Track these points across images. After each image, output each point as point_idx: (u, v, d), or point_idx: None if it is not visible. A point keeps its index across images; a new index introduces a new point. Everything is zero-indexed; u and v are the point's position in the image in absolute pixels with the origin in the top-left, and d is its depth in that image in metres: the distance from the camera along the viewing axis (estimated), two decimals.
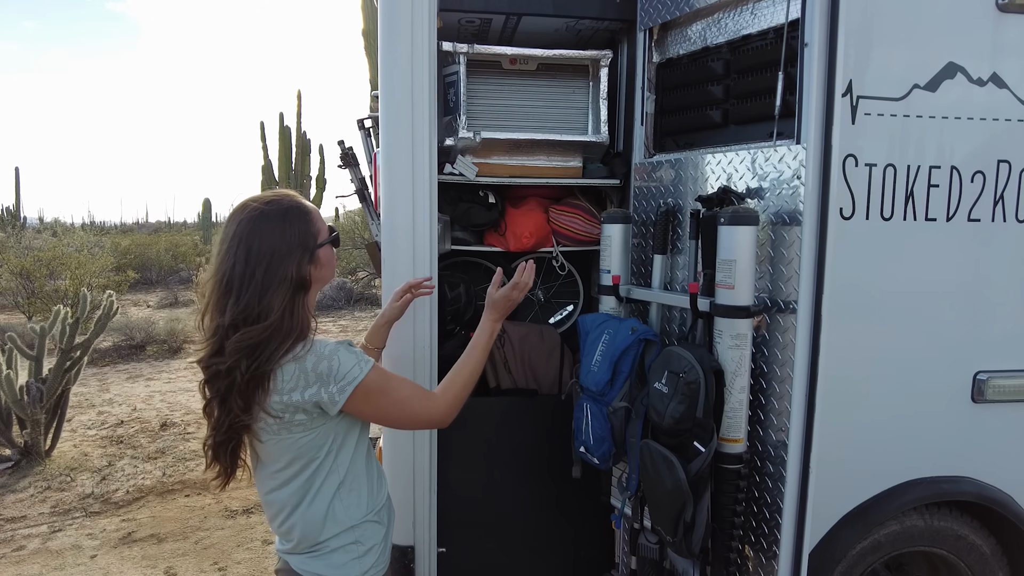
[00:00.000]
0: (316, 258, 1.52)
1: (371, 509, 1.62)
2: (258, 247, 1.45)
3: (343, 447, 1.56)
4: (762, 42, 2.08)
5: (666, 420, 1.85)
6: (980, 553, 2.31)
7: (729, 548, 1.89)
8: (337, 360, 1.47)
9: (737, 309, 1.84)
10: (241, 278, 1.44)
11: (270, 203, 1.50)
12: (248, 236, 1.46)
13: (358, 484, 1.59)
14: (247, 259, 1.44)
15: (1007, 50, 2.08)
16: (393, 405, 1.55)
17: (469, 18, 2.65)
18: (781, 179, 1.90)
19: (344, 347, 1.50)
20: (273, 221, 1.48)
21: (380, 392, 1.52)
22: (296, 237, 1.49)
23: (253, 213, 1.48)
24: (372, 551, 1.60)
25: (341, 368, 1.47)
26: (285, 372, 1.44)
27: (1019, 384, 2.22)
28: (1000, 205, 2.16)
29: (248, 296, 1.43)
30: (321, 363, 1.46)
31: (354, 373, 1.48)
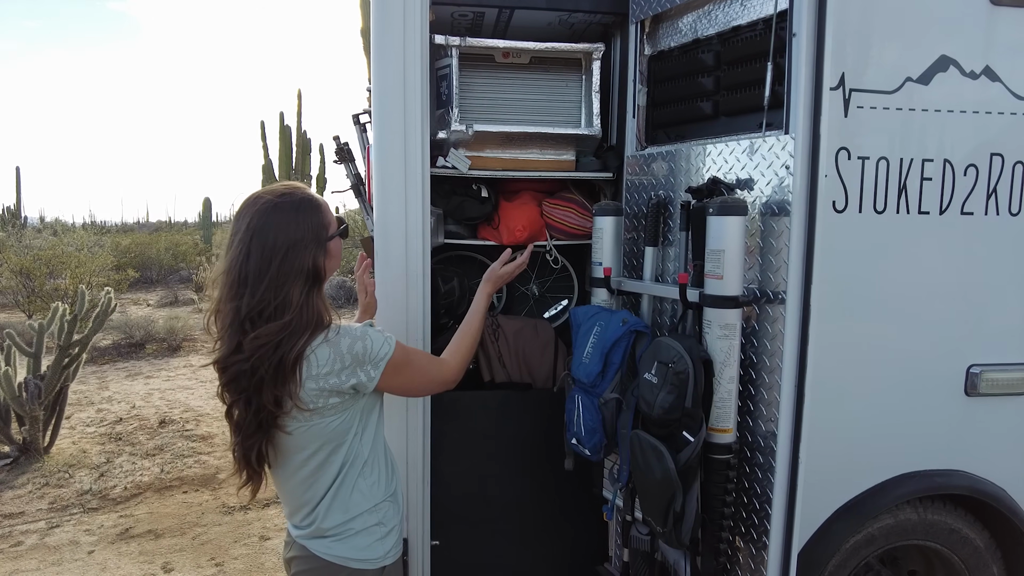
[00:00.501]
0: (327, 250, 1.55)
1: (388, 491, 1.65)
2: (274, 239, 1.45)
3: (366, 428, 1.60)
4: (752, 33, 2.08)
5: (655, 410, 1.85)
6: (974, 547, 2.31)
7: (719, 539, 1.90)
8: (369, 340, 1.53)
9: (725, 299, 1.84)
10: (257, 271, 1.43)
11: (283, 196, 1.50)
12: (262, 229, 1.45)
13: (378, 465, 1.63)
14: (262, 252, 1.44)
15: (1000, 44, 2.08)
16: (416, 373, 1.65)
17: (462, 12, 2.65)
18: (770, 169, 1.90)
19: (370, 328, 1.57)
20: (287, 213, 1.48)
21: (406, 364, 1.60)
22: (310, 229, 1.50)
23: (267, 206, 1.47)
24: (392, 532, 1.64)
25: (373, 347, 1.53)
26: (320, 357, 1.47)
27: (1012, 378, 2.22)
28: (993, 199, 2.16)
29: (264, 289, 1.43)
30: (356, 344, 1.51)
31: (384, 350, 1.55)
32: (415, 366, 1.65)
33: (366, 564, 1.59)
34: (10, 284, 10.50)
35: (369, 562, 1.59)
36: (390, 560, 1.64)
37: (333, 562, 1.57)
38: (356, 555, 1.58)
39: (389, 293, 2.31)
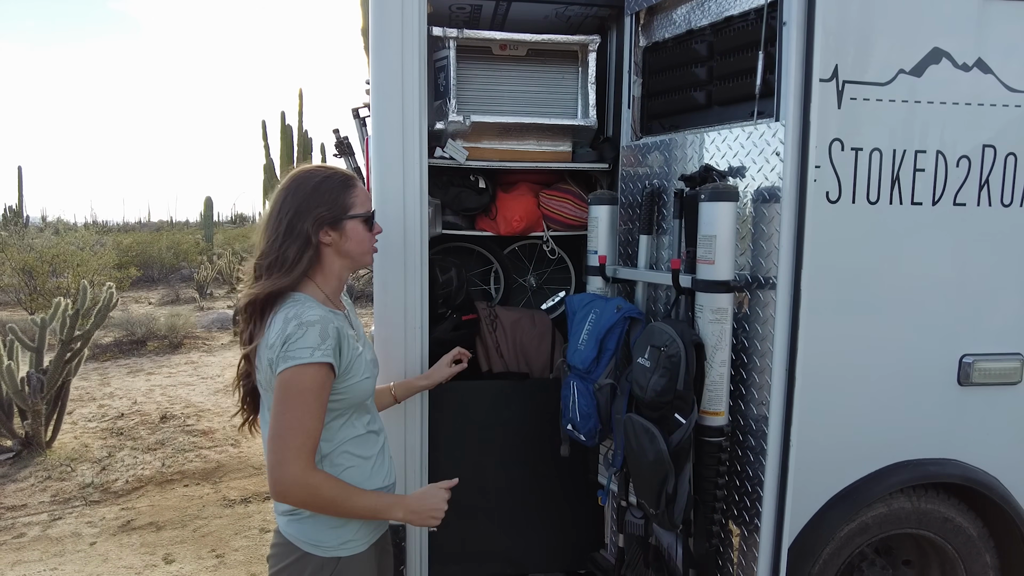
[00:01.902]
0: (342, 228, 1.58)
1: None
2: (290, 201, 1.56)
3: (328, 424, 1.54)
4: (744, 23, 2.11)
5: (648, 393, 1.88)
6: (967, 535, 2.33)
7: (711, 521, 1.93)
8: (304, 331, 1.45)
9: (717, 284, 1.87)
10: (273, 224, 1.56)
11: (319, 170, 1.63)
12: (287, 190, 1.58)
13: (346, 463, 1.59)
14: (280, 209, 1.57)
15: (992, 36, 2.11)
16: (285, 415, 1.44)
17: (460, 4, 2.69)
18: (761, 156, 1.93)
19: (324, 329, 1.47)
20: (312, 182, 1.59)
21: (295, 395, 1.44)
22: (324, 201, 1.57)
23: (304, 174, 1.61)
24: (350, 525, 1.58)
25: (299, 341, 1.44)
26: (275, 323, 1.50)
27: (1004, 367, 2.25)
28: (985, 190, 2.18)
29: (270, 241, 1.55)
30: (289, 324, 1.46)
31: (302, 355, 1.44)
32: (292, 414, 1.44)
33: (316, 550, 1.56)
34: (12, 282, 10.55)
35: (320, 548, 1.57)
36: (345, 552, 1.58)
37: (290, 540, 1.58)
38: (306, 538, 1.57)
39: (387, 283, 2.34)
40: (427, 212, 2.36)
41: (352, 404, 1.59)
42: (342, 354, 1.52)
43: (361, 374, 1.58)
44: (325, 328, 1.47)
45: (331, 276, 1.62)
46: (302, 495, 1.46)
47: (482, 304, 3.01)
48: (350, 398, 1.57)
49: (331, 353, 1.47)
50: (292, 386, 1.43)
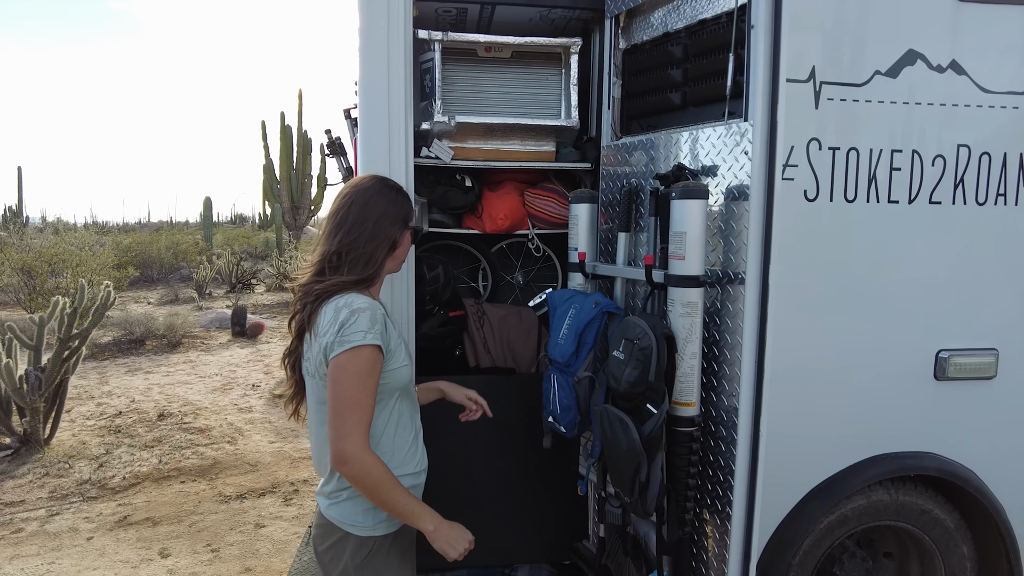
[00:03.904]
0: (404, 235, 1.79)
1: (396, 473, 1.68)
2: (380, 205, 1.74)
3: None
4: (716, 26, 2.17)
5: (622, 385, 1.94)
6: (944, 527, 2.37)
7: (684, 509, 1.98)
8: (356, 317, 1.60)
9: (687, 279, 1.93)
10: (358, 223, 1.71)
11: (388, 179, 1.85)
12: (370, 192, 1.76)
13: (380, 447, 1.70)
14: (365, 209, 1.72)
15: (966, 38, 2.15)
16: (344, 394, 1.57)
17: (445, 8, 2.75)
18: (731, 155, 1.99)
19: (373, 315, 1.63)
20: (393, 189, 1.81)
21: (352, 374, 1.58)
22: (405, 208, 1.79)
23: (383, 180, 1.82)
24: None
25: (353, 325, 1.59)
26: (326, 312, 1.63)
27: (980, 362, 2.29)
28: (960, 188, 2.22)
29: (353, 239, 1.70)
30: (342, 312, 1.61)
31: (355, 338, 1.59)
32: (350, 392, 1.57)
33: (355, 529, 1.71)
34: (11, 282, 10.61)
35: (358, 527, 1.71)
36: (380, 531, 1.72)
37: (331, 521, 1.72)
38: (346, 519, 1.71)
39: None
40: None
41: (394, 389, 1.71)
42: (387, 339, 1.66)
43: (401, 361, 1.72)
44: (374, 314, 1.62)
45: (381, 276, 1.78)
46: (356, 470, 1.57)
47: (470, 301, 3.06)
48: (392, 383, 1.69)
49: (379, 337, 1.61)
50: (349, 367, 1.57)
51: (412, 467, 1.77)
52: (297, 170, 18.92)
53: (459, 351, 3.01)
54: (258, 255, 17.69)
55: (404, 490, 1.64)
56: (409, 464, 1.76)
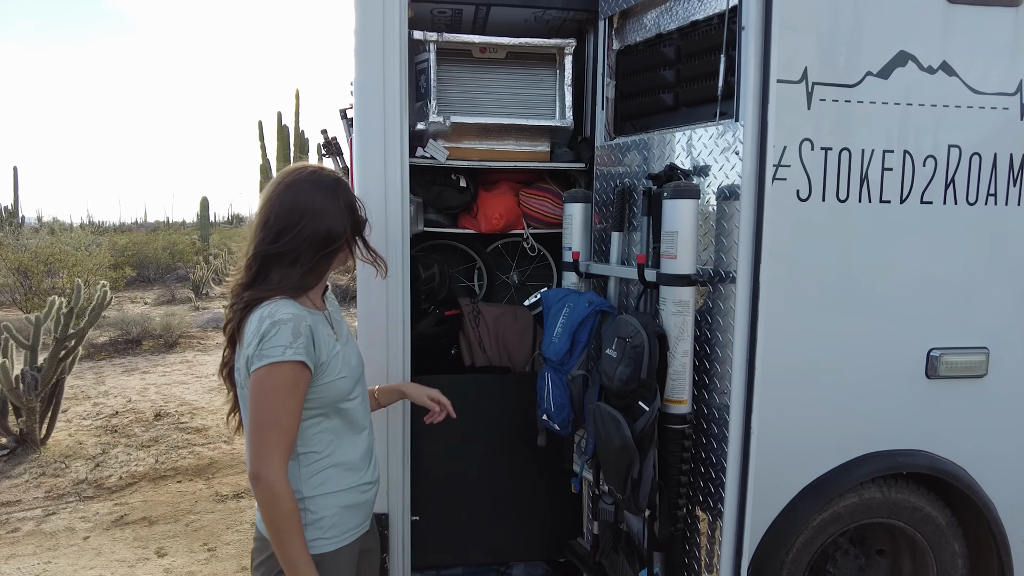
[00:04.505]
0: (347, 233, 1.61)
1: (332, 489, 1.59)
2: (312, 201, 1.55)
3: (303, 422, 1.53)
4: (708, 28, 2.20)
5: (615, 383, 1.96)
6: (935, 524, 2.39)
7: (676, 505, 2.00)
8: (277, 329, 1.46)
9: (679, 278, 1.95)
10: (285, 217, 1.54)
11: (326, 171, 1.64)
12: (296, 186, 1.57)
13: (320, 462, 1.58)
14: (294, 204, 1.55)
15: (956, 40, 2.17)
16: (261, 413, 1.46)
17: (441, 8, 2.77)
18: (723, 155, 2.01)
19: (296, 327, 1.47)
20: (326, 184, 1.60)
21: (270, 392, 1.46)
22: (341, 204, 1.60)
23: (309, 173, 1.60)
24: (323, 522, 1.58)
25: (274, 340, 1.45)
26: (252, 321, 1.50)
27: (971, 360, 2.31)
28: (951, 188, 2.24)
29: (285, 235, 1.53)
30: (264, 323, 1.47)
31: (274, 353, 1.45)
32: (268, 411, 1.46)
33: None
34: (7, 282, 10.59)
35: None
36: (313, 550, 1.53)
37: (264, 535, 1.57)
38: None
39: (370, 279, 2.41)
40: (409, 210, 2.44)
41: (328, 403, 1.57)
42: (317, 352, 1.51)
43: (337, 373, 1.57)
44: (297, 326, 1.48)
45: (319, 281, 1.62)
46: (265, 494, 1.45)
47: (465, 300, 3.08)
48: (326, 397, 1.56)
49: (303, 351, 1.47)
50: (267, 383, 1.45)
51: (353, 481, 1.63)
52: None
53: (455, 350, 3.03)
54: None
55: (302, 540, 1.48)
56: (349, 478, 1.62)
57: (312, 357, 1.50)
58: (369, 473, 1.68)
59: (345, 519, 1.61)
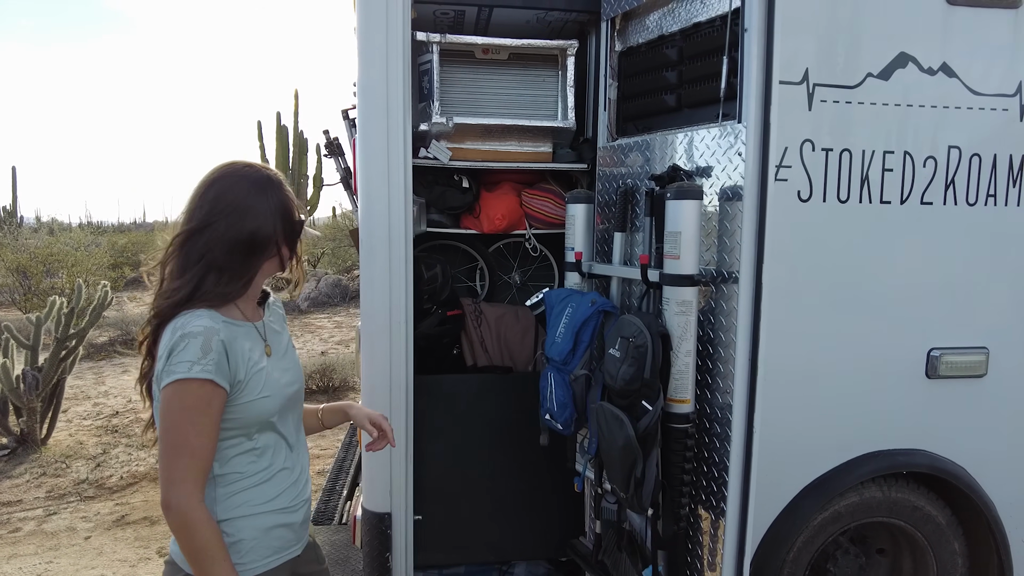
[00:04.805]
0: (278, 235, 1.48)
1: (251, 512, 1.47)
2: (228, 199, 1.42)
3: (220, 443, 1.42)
4: (710, 29, 2.21)
5: (618, 382, 1.97)
6: (936, 523, 2.41)
7: (679, 504, 2.01)
8: (185, 344, 1.35)
9: (682, 278, 1.96)
10: (205, 219, 1.42)
11: (263, 168, 1.51)
12: (218, 184, 1.45)
13: (239, 483, 1.46)
14: (215, 205, 1.42)
15: (956, 41, 2.19)
16: (170, 434, 1.34)
17: (443, 10, 2.78)
18: (725, 156, 2.02)
19: (206, 342, 1.35)
20: (254, 180, 1.46)
21: (178, 412, 1.34)
22: (269, 204, 1.46)
23: (235, 169, 1.47)
24: (241, 545, 1.45)
25: (181, 355, 1.34)
26: (167, 332, 1.39)
27: (970, 360, 2.32)
28: (951, 189, 2.25)
29: (202, 238, 1.41)
30: (175, 336, 1.36)
31: (180, 369, 1.33)
32: (177, 434, 1.34)
33: (187, 567, 1.42)
34: (7, 282, 10.59)
35: None
36: None
37: (174, 559, 1.48)
38: (179, 555, 1.44)
39: (373, 279, 2.42)
40: (412, 210, 2.45)
41: (250, 424, 1.45)
42: (232, 369, 1.39)
43: (258, 393, 1.43)
44: (208, 340, 1.35)
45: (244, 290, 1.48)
46: (177, 522, 1.34)
47: (467, 300, 3.09)
48: (246, 417, 1.43)
49: (213, 368, 1.34)
50: (174, 402, 1.34)
51: (277, 503, 1.50)
52: (293, 171, 18.90)
53: (456, 350, 3.04)
54: None
55: (229, 568, 1.36)
56: (272, 499, 1.49)
57: (225, 375, 1.37)
58: (294, 494, 1.54)
59: (267, 542, 1.49)
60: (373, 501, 2.48)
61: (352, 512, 2.91)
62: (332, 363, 6.98)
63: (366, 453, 2.52)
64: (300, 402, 1.61)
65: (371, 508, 2.48)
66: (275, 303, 1.63)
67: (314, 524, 3.27)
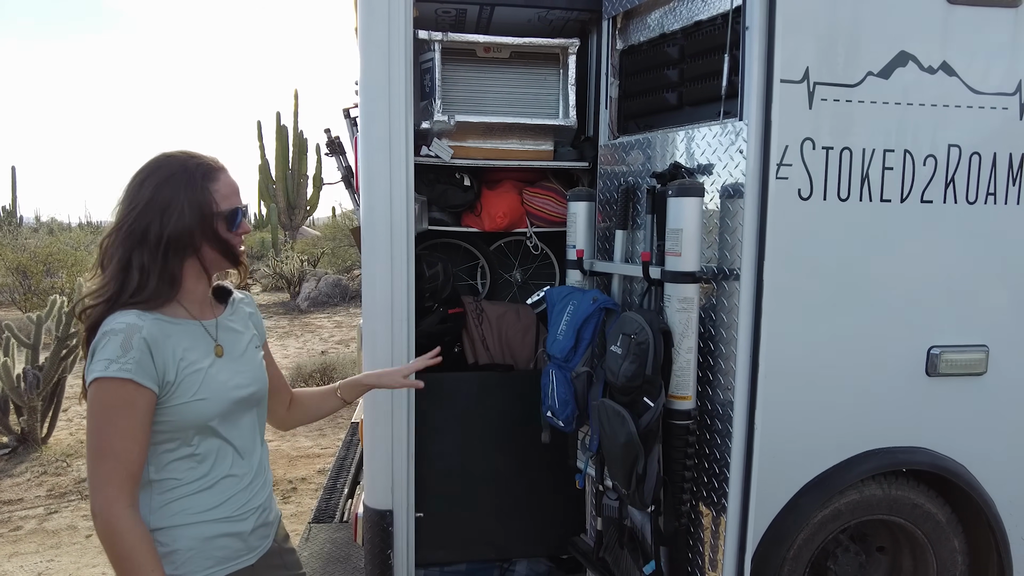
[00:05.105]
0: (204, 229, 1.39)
1: (189, 521, 1.39)
2: (142, 194, 1.36)
3: (156, 447, 1.36)
4: (712, 28, 2.22)
5: (620, 379, 1.98)
6: (935, 521, 2.42)
7: (680, 500, 2.02)
8: (106, 341, 1.29)
9: (683, 275, 1.97)
10: (123, 214, 1.37)
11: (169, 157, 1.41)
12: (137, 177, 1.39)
13: (178, 490, 1.39)
14: (132, 200, 1.37)
15: (956, 40, 2.20)
16: (92, 437, 1.29)
17: (445, 8, 2.78)
18: (726, 154, 2.03)
19: (127, 340, 1.28)
20: (171, 170, 1.37)
21: (98, 413, 1.28)
22: (197, 199, 1.37)
23: (157, 160, 1.40)
24: (177, 556, 1.38)
25: (100, 353, 1.28)
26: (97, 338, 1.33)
27: (970, 358, 2.33)
28: (951, 187, 2.27)
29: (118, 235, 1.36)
30: (101, 335, 1.30)
31: (97, 368, 1.27)
32: (99, 437, 1.28)
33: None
34: (7, 282, 10.60)
35: None
36: None
37: None
38: None
39: (375, 277, 2.43)
40: (413, 209, 2.45)
41: (188, 427, 1.37)
42: (159, 369, 1.31)
43: (192, 395, 1.35)
44: (128, 338, 1.28)
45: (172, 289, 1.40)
46: (102, 530, 1.27)
47: (468, 298, 3.10)
48: (182, 420, 1.36)
49: (133, 367, 1.27)
50: (94, 403, 1.28)
51: (221, 512, 1.42)
52: (293, 170, 18.92)
53: (458, 348, 3.05)
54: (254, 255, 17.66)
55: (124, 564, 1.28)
56: (215, 508, 1.42)
57: (150, 374, 1.29)
58: (242, 502, 1.45)
59: (208, 552, 1.40)
60: (374, 498, 2.49)
61: (353, 510, 2.92)
62: (332, 362, 7.00)
63: (367, 451, 2.54)
64: (257, 405, 1.51)
65: (373, 505, 2.49)
66: (243, 300, 1.57)
67: (315, 522, 3.27)
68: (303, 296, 12.41)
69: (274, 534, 1.56)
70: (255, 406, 1.51)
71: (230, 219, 1.40)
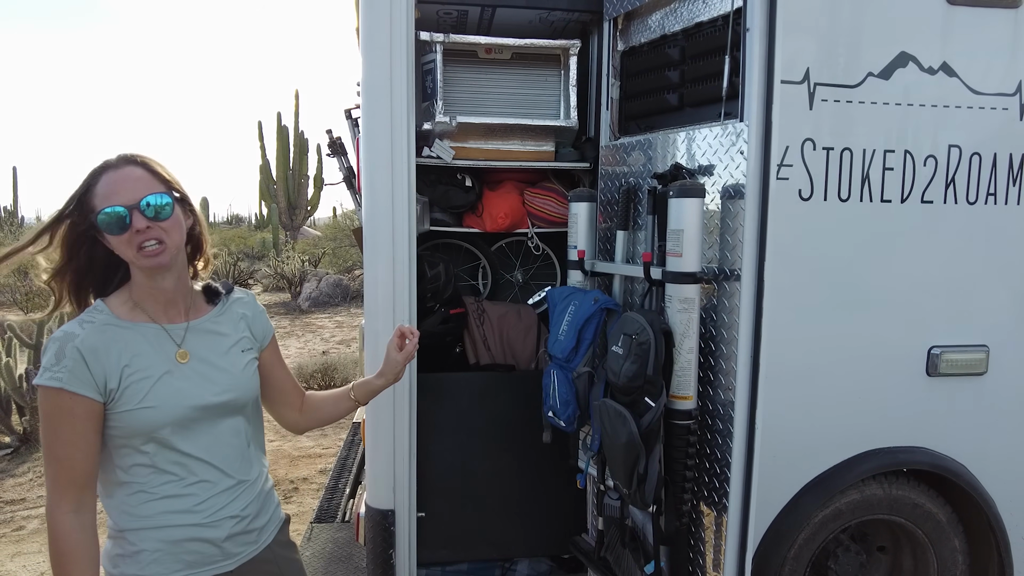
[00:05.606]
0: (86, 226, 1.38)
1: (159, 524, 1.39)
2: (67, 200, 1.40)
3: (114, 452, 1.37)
4: (713, 29, 2.22)
5: (621, 379, 1.98)
6: (936, 521, 2.43)
7: (681, 500, 2.03)
8: (45, 349, 1.34)
9: (684, 275, 1.98)
10: None
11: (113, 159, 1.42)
12: None
13: (144, 494, 1.39)
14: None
15: (956, 41, 2.21)
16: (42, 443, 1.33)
17: (447, 10, 2.79)
18: (727, 155, 2.03)
19: (61, 348, 1.31)
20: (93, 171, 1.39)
21: (42, 418, 1.33)
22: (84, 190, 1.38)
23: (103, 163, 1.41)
24: (143, 556, 1.38)
25: (42, 360, 1.33)
26: None
27: (971, 358, 2.35)
28: (951, 188, 2.28)
29: None
30: (47, 341, 1.35)
31: (39, 375, 1.33)
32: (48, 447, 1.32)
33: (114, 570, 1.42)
34: (7, 282, 10.60)
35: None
36: None
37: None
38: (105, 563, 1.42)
39: (377, 278, 2.43)
40: (415, 209, 2.46)
41: (135, 434, 1.35)
42: (98, 377, 1.31)
43: (138, 403, 1.33)
44: (62, 347, 1.30)
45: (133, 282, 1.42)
46: (48, 531, 1.31)
47: (470, 299, 3.11)
48: (124, 427, 1.34)
49: (65, 376, 1.28)
50: (40, 409, 1.33)
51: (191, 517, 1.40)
52: (294, 170, 18.95)
53: (459, 348, 3.05)
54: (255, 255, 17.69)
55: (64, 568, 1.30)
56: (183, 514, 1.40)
57: (87, 382, 1.30)
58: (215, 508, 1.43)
59: (176, 555, 1.39)
60: (376, 498, 2.50)
61: (355, 509, 2.93)
62: (334, 362, 7.01)
63: (369, 451, 2.55)
64: (239, 412, 1.48)
65: (374, 505, 2.50)
66: (239, 301, 1.55)
67: (317, 522, 3.28)
68: (304, 296, 12.42)
69: (268, 541, 1.54)
70: (236, 413, 1.47)
71: (104, 220, 1.34)
